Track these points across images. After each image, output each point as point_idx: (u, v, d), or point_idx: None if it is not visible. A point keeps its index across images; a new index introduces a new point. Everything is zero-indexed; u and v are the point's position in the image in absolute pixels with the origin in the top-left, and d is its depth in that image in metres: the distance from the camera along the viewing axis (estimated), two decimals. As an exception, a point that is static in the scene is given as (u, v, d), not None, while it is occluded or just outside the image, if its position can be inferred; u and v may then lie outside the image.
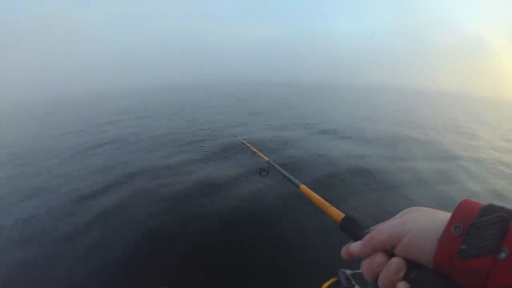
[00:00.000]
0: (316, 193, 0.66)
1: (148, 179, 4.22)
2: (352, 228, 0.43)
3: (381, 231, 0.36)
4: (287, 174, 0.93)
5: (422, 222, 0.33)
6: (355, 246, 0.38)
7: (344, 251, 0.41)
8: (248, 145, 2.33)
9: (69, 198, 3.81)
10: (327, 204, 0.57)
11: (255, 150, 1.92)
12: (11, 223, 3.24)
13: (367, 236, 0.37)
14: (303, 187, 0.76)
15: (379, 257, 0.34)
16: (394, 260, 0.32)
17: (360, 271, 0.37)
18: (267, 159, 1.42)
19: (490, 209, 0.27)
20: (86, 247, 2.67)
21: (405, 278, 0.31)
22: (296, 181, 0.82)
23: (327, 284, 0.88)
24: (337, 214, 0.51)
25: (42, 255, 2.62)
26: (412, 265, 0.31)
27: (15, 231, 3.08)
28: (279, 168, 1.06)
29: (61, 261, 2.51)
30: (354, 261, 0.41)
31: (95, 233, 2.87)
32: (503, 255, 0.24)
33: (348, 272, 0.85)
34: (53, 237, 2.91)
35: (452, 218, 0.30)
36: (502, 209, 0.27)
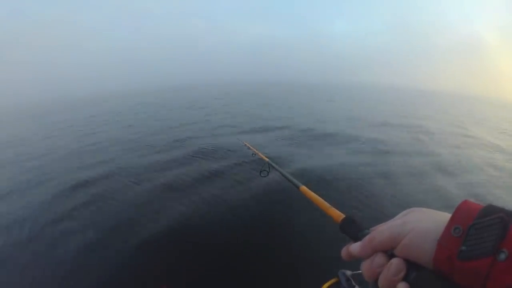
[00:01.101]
0: (316, 194, 0.66)
1: (147, 178, 4.24)
2: (352, 229, 0.43)
3: (381, 232, 0.36)
4: (287, 174, 0.92)
5: (422, 223, 0.33)
6: (355, 247, 0.38)
7: (344, 252, 0.41)
8: (249, 146, 2.33)
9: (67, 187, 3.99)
10: (327, 204, 0.57)
11: (256, 151, 1.92)
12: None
13: (367, 237, 0.37)
14: (303, 188, 0.76)
15: (379, 258, 0.34)
16: (394, 261, 0.32)
17: (360, 271, 0.37)
18: (267, 159, 1.42)
19: (490, 210, 0.27)
20: (84, 245, 2.67)
21: (405, 279, 0.31)
22: (296, 181, 0.82)
23: (327, 284, 0.88)
24: (337, 214, 0.51)
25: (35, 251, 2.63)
26: (412, 266, 0.31)
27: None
28: (280, 169, 1.06)
29: (58, 261, 2.52)
30: (354, 262, 0.41)
31: (94, 231, 2.88)
32: (502, 256, 0.24)
33: (348, 272, 0.85)
34: (49, 237, 2.93)
35: (451, 219, 0.30)
36: (501, 210, 0.27)
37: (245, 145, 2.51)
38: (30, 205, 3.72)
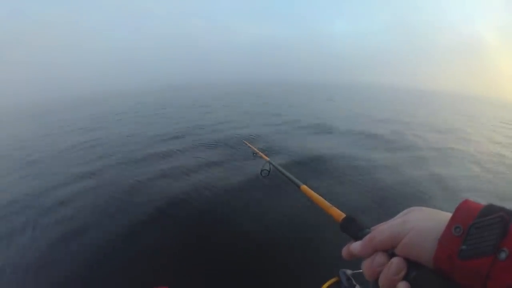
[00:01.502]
0: (317, 193, 0.66)
1: (145, 175, 4.24)
2: (353, 228, 0.44)
3: (381, 231, 0.36)
4: (288, 174, 0.93)
5: (423, 222, 0.33)
6: (355, 246, 0.39)
7: (344, 251, 0.41)
8: (249, 145, 2.33)
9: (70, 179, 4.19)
10: (328, 204, 0.58)
11: (256, 150, 1.92)
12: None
13: (367, 236, 0.37)
14: (304, 187, 0.76)
15: (380, 257, 0.34)
16: (395, 260, 0.32)
17: (361, 271, 0.37)
18: (268, 159, 1.42)
19: (490, 209, 0.28)
20: (84, 244, 2.67)
21: (406, 278, 0.31)
22: (297, 181, 0.82)
23: (327, 284, 0.88)
24: (338, 214, 0.51)
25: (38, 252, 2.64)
26: (412, 265, 0.31)
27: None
28: (280, 168, 1.06)
29: (56, 260, 2.51)
30: (355, 261, 0.41)
31: (94, 230, 2.88)
32: (503, 255, 0.24)
33: (349, 272, 0.85)
34: (47, 237, 2.94)
35: (452, 218, 0.30)
36: (502, 209, 0.27)
37: (246, 144, 2.51)
38: (29, 196, 3.84)
